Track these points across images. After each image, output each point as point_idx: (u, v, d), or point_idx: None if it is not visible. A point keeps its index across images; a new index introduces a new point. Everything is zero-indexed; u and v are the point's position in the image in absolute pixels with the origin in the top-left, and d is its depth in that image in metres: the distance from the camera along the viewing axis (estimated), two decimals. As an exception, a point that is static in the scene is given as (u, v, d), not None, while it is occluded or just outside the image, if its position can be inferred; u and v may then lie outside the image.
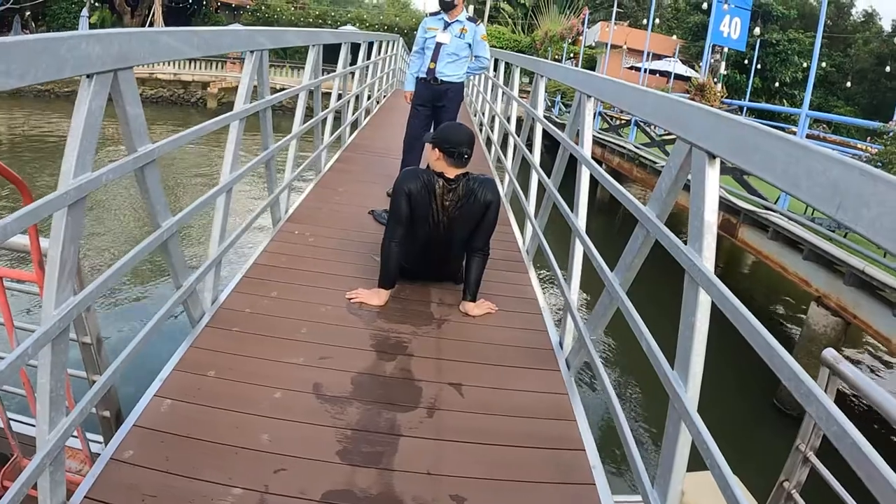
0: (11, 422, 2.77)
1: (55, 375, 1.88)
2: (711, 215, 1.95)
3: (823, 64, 33.39)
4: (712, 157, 1.96)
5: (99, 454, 2.34)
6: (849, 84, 36.47)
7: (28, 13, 31.40)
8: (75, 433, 2.62)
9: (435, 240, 3.93)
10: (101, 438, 2.87)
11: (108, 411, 2.77)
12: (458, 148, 3.80)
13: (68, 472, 2.39)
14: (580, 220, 3.53)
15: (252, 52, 3.73)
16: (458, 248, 4.04)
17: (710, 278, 1.80)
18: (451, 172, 3.85)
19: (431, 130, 6.44)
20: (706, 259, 1.91)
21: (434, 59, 6.32)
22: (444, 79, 6.36)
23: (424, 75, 6.40)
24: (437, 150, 3.85)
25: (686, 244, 2.02)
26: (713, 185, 1.97)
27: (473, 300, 3.90)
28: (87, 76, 1.89)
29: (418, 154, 6.43)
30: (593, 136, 3.74)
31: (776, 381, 1.38)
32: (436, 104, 6.47)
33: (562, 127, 4.23)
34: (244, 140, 3.69)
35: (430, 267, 4.15)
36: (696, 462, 1.96)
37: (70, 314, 1.91)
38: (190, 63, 31.77)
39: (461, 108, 6.99)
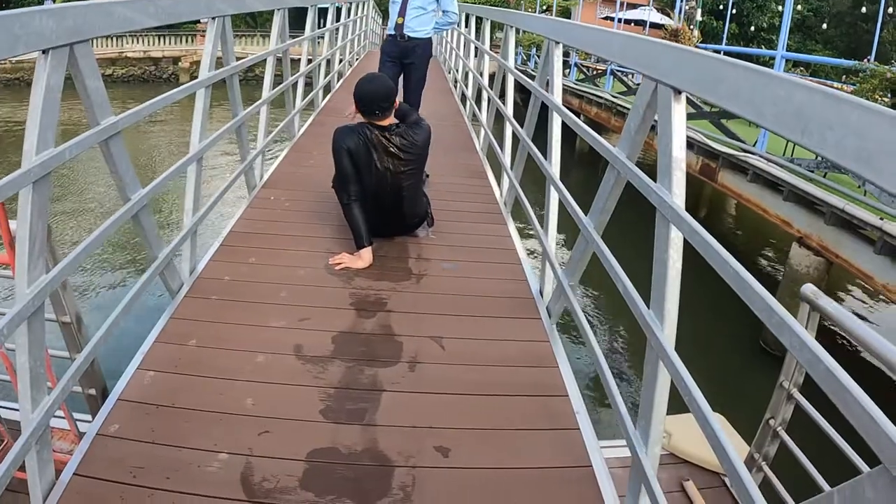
0: (-1, 408, 2.76)
1: (34, 354, 1.87)
2: (679, 151, 1.94)
3: (800, 7, 33.18)
4: (678, 92, 1.94)
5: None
6: (825, 26, 36.25)
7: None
8: (62, 413, 2.61)
9: (384, 188, 3.97)
10: (89, 417, 2.86)
11: (93, 389, 2.75)
12: (366, 106, 3.90)
13: (58, 453, 2.40)
14: (554, 167, 3.52)
15: (213, 18, 3.67)
16: (413, 196, 4.11)
17: (679, 214, 1.79)
18: (381, 122, 3.93)
19: (400, 88, 6.35)
20: (676, 195, 1.89)
21: (401, 13, 6.13)
22: (412, 34, 6.16)
23: (393, 31, 6.22)
24: (355, 106, 3.97)
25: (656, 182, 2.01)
26: (680, 120, 1.95)
27: None
28: (43, 52, 1.86)
29: None
30: (570, 87, 3.72)
31: (761, 322, 1.37)
32: (404, 61, 6.31)
33: (534, 78, 4.20)
34: (220, 111, 3.66)
35: (387, 218, 4.15)
36: (682, 405, 1.98)
37: (43, 291, 1.89)
38: (159, 39, 31.31)
39: (433, 65, 6.89)
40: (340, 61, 11.57)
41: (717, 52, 19.64)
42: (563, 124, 3.54)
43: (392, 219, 4.17)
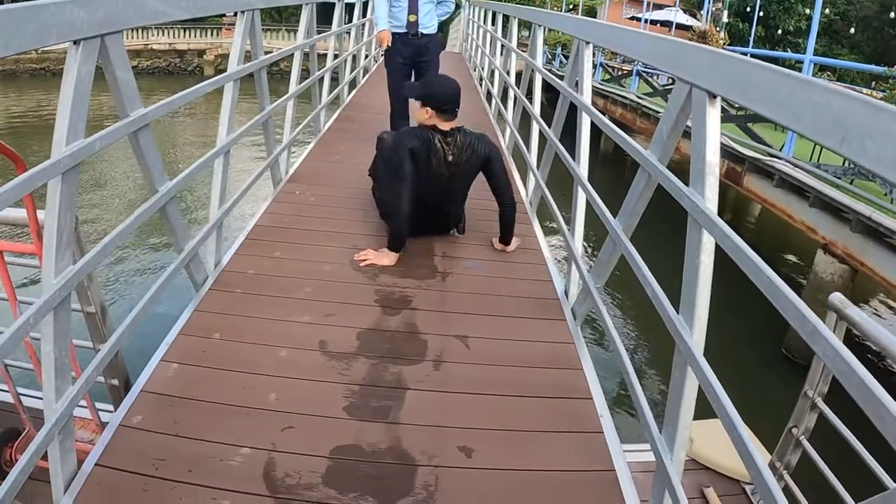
0: (22, 396, 2.77)
1: (59, 344, 1.88)
2: (713, 156, 1.91)
3: (827, 11, 32.81)
4: (712, 96, 1.91)
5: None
6: (852, 31, 35.84)
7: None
8: (84, 403, 2.62)
9: (435, 193, 3.96)
10: (111, 408, 2.86)
11: (116, 379, 2.76)
12: (449, 104, 3.86)
13: (80, 442, 2.40)
14: (582, 167, 3.50)
15: (243, 12, 3.68)
16: (457, 201, 4.14)
17: (712, 219, 1.77)
18: (445, 126, 3.89)
19: None
20: (708, 200, 1.87)
21: (413, 10, 6.00)
22: (425, 31, 6.09)
23: (405, 29, 6.07)
24: (427, 108, 3.88)
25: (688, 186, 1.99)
26: (714, 124, 1.93)
27: (507, 243, 4.18)
28: (74, 42, 1.85)
29: (407, 111, 6.20)
30: (595, 87, 3.69)
31: (784, 329, 1.36)
32: (417, 60, 6.19)
33: (562, 78, 4.18)
34: (246, 105, 3.67)
35: (431, 221, 4.15)
36: (704, 412, 1.96)
37: (70, 282, 1.89)
38: (184, 31, 31.47)
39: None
40: (366, 57, 11.59)
41: (744, 55, 19.64)
42: (592, 125, 3.52)
43: (435, 219, 4.19)
